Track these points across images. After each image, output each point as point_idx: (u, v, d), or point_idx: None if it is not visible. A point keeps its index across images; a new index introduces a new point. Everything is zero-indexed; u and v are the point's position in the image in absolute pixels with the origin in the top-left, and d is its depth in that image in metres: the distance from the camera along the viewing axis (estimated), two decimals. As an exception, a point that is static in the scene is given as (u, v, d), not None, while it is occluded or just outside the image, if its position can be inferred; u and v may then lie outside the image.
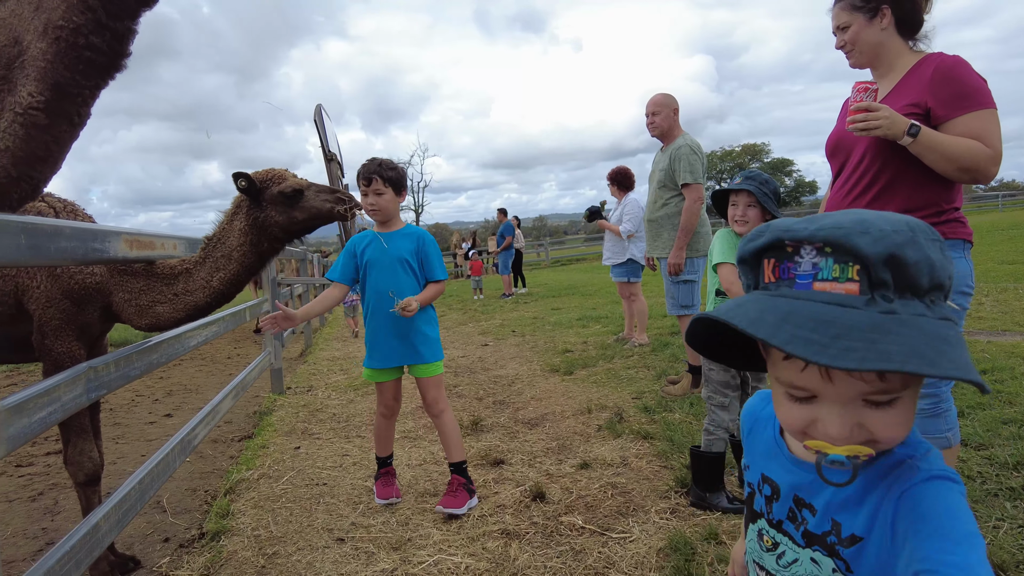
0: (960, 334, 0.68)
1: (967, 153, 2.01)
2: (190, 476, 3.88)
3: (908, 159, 2.09)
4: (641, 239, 6.25)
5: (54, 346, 2.32)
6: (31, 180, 1.51)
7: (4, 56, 1.43)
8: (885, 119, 2.03)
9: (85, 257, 1.84)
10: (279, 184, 2.49)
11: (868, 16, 2.23)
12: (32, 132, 1.44)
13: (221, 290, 2.42)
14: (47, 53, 1.39)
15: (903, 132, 2.02)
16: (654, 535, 2.60)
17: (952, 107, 2.05)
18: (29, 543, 3.05)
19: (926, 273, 0.67)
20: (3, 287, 2.29)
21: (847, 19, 2.28)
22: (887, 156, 2.15)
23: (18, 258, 1.47)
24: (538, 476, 3.31)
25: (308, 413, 5.05)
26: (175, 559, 2.77)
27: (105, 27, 1.39)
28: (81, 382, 1.89)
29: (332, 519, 2.99)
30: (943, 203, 2.13)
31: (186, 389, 6.68)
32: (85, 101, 1.51)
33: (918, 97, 2.10)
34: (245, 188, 2.45)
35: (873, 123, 2.04)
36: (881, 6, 2.21)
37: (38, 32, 1.39)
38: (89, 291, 2.35)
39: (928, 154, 2.04)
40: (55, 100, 1.43)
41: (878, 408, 0.72)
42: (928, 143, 2.02)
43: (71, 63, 1.40)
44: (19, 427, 1.50)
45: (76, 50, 1.39)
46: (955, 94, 2.05)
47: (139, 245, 2.27)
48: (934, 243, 0.69)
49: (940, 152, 2.02)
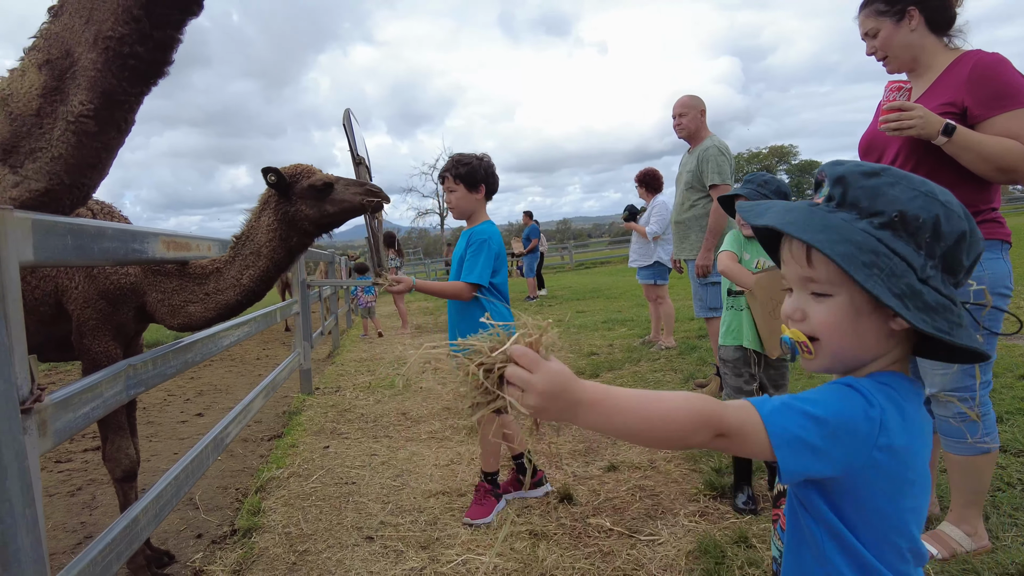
0: (869, 237, 0.84)
1: (1005, 153, 1.96)
2: (221, 474, 3.95)
3: (942, 159, 2.04)
4: (668, 241, 6.21)
5: (92, 345, 2.38)
6: (82, 187, 1.59)
7: (57, 68, 1.50)
8: (919, 118, 1.98)
9: (125, 257, 1.89)
10: (309, 178, 2.51)
11: (895, 19, 2.19)
12: (83, 139, 1.51)
13: (251, 287, 2.45)
14: (96, 63, 1.46)
15: (937, 132, 1.98)
16: (683, 538, 2.58)
17: (990, 106, 2.00)
18: (69, 536, 3.14)
19: (867, 197, 0.86)
20: (44, 288, 2.36)
21: (874, 25, 2.24)
22: (920, 156, 2.11)
23: (65, 257, 1.51)
24: (565, 478, 3.31)
25: (336, 413, 5.11)
26: (208, 555, 2.83)
27: (149, 36, 1.46)
28: (121, 379, 1.94)
29: (361, 517, 3.02)
30: (980, 204, 2.08)
31: (216, 389, 6.80)
32: (131, 108, 1.58)
33: (954, 96, 2.05)
34: (275, 183, 2.46)
35: (907, 123, 2.00)
36: (908, 8, 2.16)
37: (88, 43, 1.45)
38: (124, 291, 2.41)
39: (964, 154, 1.99)
40: (104, 108, 1.50)
41: (817, 300, 0.90)
42: (964, 143, 1.97)
43: (118, 71, 1.47)
44: (64, 421, 1.54)
45: (122, 59, 1.46)
46: (993, 93, 2.00)
47: (175, 246, 2.32)
48: (903, 185, 0.87)
49: (976, 152, 1.97)
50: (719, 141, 4.45)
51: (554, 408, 0.86)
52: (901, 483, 0.86)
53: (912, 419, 0.86)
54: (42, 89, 1.51)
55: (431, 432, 4.35)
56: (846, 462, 0.84)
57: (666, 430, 0.86)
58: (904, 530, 0.87)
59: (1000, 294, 2.07)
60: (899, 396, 0.87)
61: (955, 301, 0.85)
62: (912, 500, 0.87)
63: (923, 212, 0.84)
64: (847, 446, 0.83)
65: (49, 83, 1.51)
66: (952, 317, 0.84)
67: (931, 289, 0.83)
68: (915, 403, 0.89)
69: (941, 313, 0.83)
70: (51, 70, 1.50)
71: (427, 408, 5.03)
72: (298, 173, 2.52)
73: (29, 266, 1.36)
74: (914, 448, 0.86)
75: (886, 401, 0.85)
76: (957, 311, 0.85)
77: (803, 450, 0.83)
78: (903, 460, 0.85)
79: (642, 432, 0.87)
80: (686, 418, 0.85)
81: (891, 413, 0.85)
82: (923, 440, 0.88)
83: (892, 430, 0.84)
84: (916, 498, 0.88)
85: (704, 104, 4.60)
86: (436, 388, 5.68)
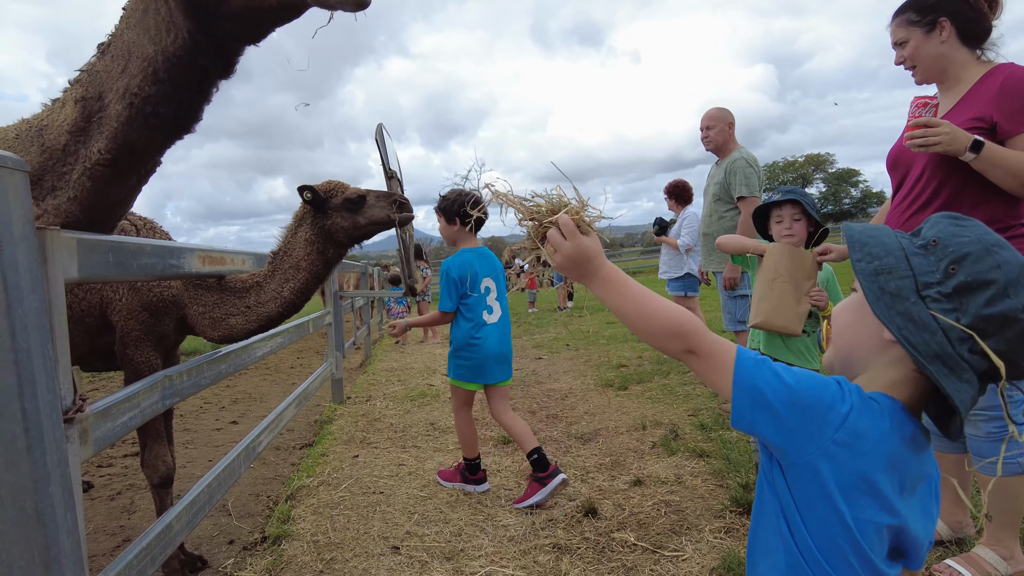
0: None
1: None
2: (254, 481, 4.04)
3: (969, 174, 2.01)
4: (699, 253, 6.17)
5: (135, 355, 2.49)
6: (98, 225, 1.61)
7: (89, 108, 1.50)
8: (946, 135, 1.96)
9: (163, 272, 1.97)
10: (344, 192, 2.65)
11: (926, 30, 2.15)
12: (99, 184, 1.52)
13: (292, 300, 2.55)
14: (121, 116, 1.46)
15: (965, 148, 1.94)
16: (707, 554, 2.57)
17: (1020, 121, 1.96)
18: (108, 539, 3.25)
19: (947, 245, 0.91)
20: (90, 300, 2.48)
21: (904, 35, 2.21)
22: (947, 172, 2.08)
23: (106, 274, 1.59)
24: (590, 492, 3.30)
25: (367, 423, 5.19)
26: (239, 560, 2.90)
27: (174, 98, 1.46)
28: (158, 390, 2.02)
29: (388, 527, 3.07)
30: (1008, 219, 2.04)
31: (251, 397, 6.95)
32: (152, 157, 1.58)
33: (983, 111, 2.02)
34: (311, 200, 2.60)
35: (933, 139, 1.97)
36: (939, 19, 2.12)
37: (118, 94, 1.46)
38: (166, 304, 2.52)
39: (992, 170, 1.96)
40: (123, 158, 1.50)
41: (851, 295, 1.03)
42: (992, 159, 1.94)
43: (140, 127, 1.47)
44: (104, 430, 1.62)
45: (145, 117, 1.46)
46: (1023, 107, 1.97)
47: (211, 261, 2.41)
48: (975, 231, 0.91)
49: (1004, 168, 1.94)
50: (747, 153, 4.42)
51: (575, 272, 1.08)
52: (854, 489, 0.86)
53: (886, 438, 0.88)
54: (71, 126, 1.51)
55: (458, 443, 4.38)
56: (797, 438, 0.87)
57: (648, 324, 1.02)
58: (855, 544, 0.87)
59: None
60: (879, 411, 0.89)
61: (950, 337, 0.87)
62: (870, 514, 0.87)
63: (966, 246, 0.88)
64: (803, 423, 0.87)
65: (79, 122, 1.50)
66: (939, 340, 0.87)
67: (925, 308, 0.87)
68: (897, 427, 0.89)
69: (928, 331, 0.87)
70: (83, 109, 1.50)
71: (455, 419, 5.06)
72: (332, 189, 2.65)
73: (74, 283, 1.44)
74: (878, 464, 0.87)
75: (862, 406, 0.88)
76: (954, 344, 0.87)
77: (759, 404, 0.90)
78: (861, 467, 0.86)
79: (630, 317, 1.04)
80: (667, 322, 1.00)
81: (863, 417, 0.87)
82: (893, 465, 0.88)
83: (858, 431, 0.86)
84: (876, 514, 0.87)
85: (732, 116, 4.58)
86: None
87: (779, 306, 2.61)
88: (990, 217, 2.03)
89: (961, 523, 2.44)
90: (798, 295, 2.58)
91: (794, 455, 0.89)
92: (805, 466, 0.88)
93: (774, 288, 2.61)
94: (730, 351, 0.95)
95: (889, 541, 0.90)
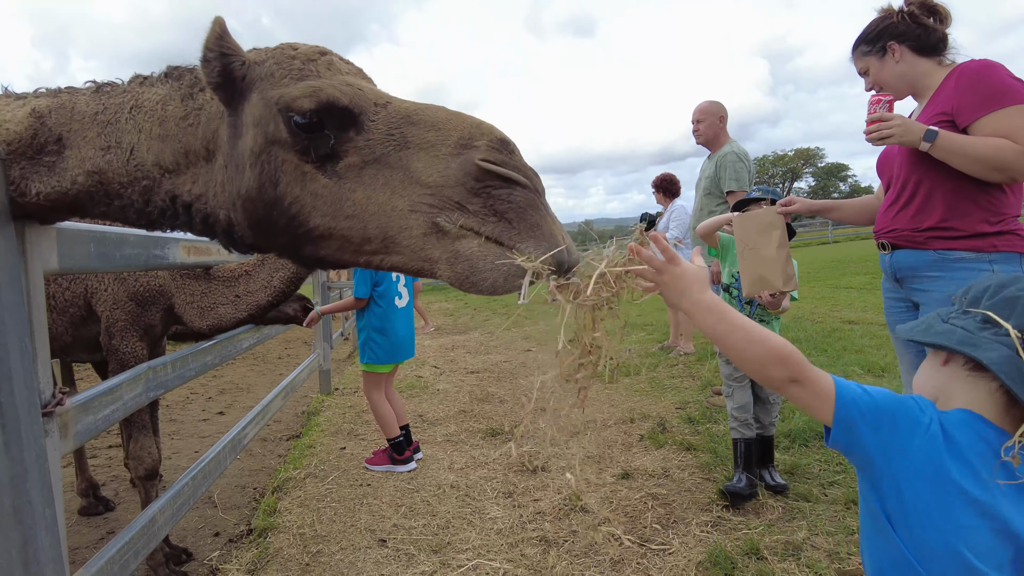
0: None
1: (997, 152, 1.97)
2: (240, 473, 4.02)
3: (945, 169, 2.06)
4: (688, 246, 6.17)
5: (120, 346, 2.45)
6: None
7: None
8: (898, 126, 2.05)
9: (148, 263, 1.94)
10: None
11: (879, 56, 2.27)
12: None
13: (282, 288, 2.55)
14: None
15: (919, 138, 2.02)
16: (694, 548, 2.58)
17: (976, 109, 2.02)
18: (92, 531, 3.22)
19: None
20: (74, 289, 2.44)
21: (863, 65, 2.33)
22: (922, 168, 2.14)
23: (88, 265, 1.56)
24: (578, 485, 3.31)
25: (354, 414, 5.17)
26: (224, 553, 2.88)
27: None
28: (141, 382, 1.99)
29: (374, 520, 3.06)
30: (990, 215, 2.06)
31: (238, 388, 6.91)
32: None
33: (944, 106, 2.09)
34: None
35: (887, 131, 2.06)
36: (888, 44, 2.23)
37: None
38: (153, 294, 2.49)
39: (953, 158, 2.02)
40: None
41: None
42: (948, 146, 2.00)
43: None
44: (86, 424, 1.59)
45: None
46: (980, 96, 2.02)
47: (196, 251, 2.38)
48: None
49: (963, 154, 2.00)
50: (738, 147, 4.42)
51: (677, 295, 1.12)
52: (945, 482, 0.95)
53: (967, 443, 0.98)
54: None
55: (447, 435, 4.38)
56: (889, 449, 0.99)
57: (754, 351, 1.04)
58: (956, 551, 0.93)
59: None
60: (960, 420, 1.01)
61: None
62: (967, 519, 0.94)
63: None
64: (893, 433, 0.99)
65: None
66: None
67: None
68: (977, 432, 0.99)
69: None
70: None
71: (444, 411, 5.06)
72: None
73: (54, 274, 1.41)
74: (965, 468, 0.96)
75: (943, 416, 1.01)
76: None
77: (856, 427, 1.01)
78: (944, 462, 0.96)
79: (735, 342, 1.07)
80: (773, 350, 1.03)
81: (946, 424, 1.00)
82: (978, 467, 0.97)
83: (946, 435, 0.98)
84: (973, 519, 0.94)
85: (724, 110, 4.57)
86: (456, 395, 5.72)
87: (755, 271, 2.69)
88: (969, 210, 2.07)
89: None
90: (769, 252, 2.64)
91: (886, 466, 1.00)
92: (898, 475, 0.99)
93: (746, 258, 2.71)
94: (829, 381, 1.03)
95: (1009, 548, 0.95)
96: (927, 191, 2.14)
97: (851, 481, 3.00)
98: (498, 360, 7.12)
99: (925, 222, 2.14)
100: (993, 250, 2.05)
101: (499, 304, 14.24)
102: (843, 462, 3.20)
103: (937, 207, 2.11)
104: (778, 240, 2.60)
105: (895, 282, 2.33)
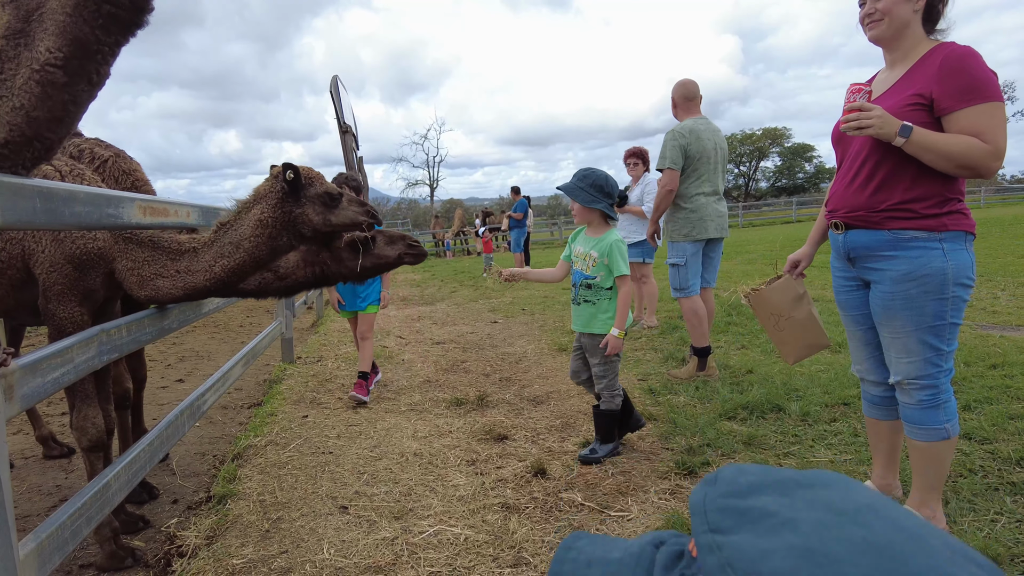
0: None
1: (964, 151, 2.02)
2: (200, 440, 3.96)
3: (906, 154, 2.10)
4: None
5: (57, 310, 2.33)
6: (45, 141, 1.47)
7: (23, 7, 1.34)
8: (877, 119, 2.05)
9: (99, 222, 1.86)
10: (323, 185, 2.45)
11: None
12: (49, 90, 1.38)
13: (222, 277, 2.36)
14: (66, 5, 1.31)
15: (895, 133, 2.04)
16: (652, 515, 2.64)
17: (957, 99, 2.04)
18: (44, 499, 3.15)
19: None
20: (11, 250, 2.32)
21: None
22: (883, 153, 2.18)
23: (33, 221, 1.49)
24: (540, 452, 3.35)
25: (317, 383, 5.13)
26: (183, 520, 2.85)
27: None
28: (94, 345, 1.93)
29: (336, 487, 3.05)
30: (946, 193, 2.13)
31: (198, 355, 6.78)
32: (105, 59, 1.43)
33: (923, 88, 2.10)
34: (292, 180, 2.37)
35: (865, 122, 2.07)
36: None
37: None
38: (92, 256, 2.35)
39: (924, 154, 2.05)
40: (74, 57, 1.36)
41: None
42: (922, 143, 2.04)
43: (91, 16, 1.32)
44: (33, 386, 1.54)
45: (96, 2, 1.32)
46: (961, 86, 2.04)
47: (153, 212, 2.29)
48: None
49: (935, 152, 2.04)
50: (683, 125, 4.46)
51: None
52: None
53: None
54: (5, 30, 1.36)
55: (411, 404, 4.38)
56: None
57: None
58: None
59: (962, 284, 2.13)
60: None
61: None
62: None
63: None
64: None
65: (13, 24, 1.35)
66: None
67: None
68: None
69: None
70: (16, 9, 1.34)
71: (408, 380, 5.05)
72: (312, 177, 2.46)
73: (-4, 229, 1.34)
74: None
75: None
76: None
77: None
78: None
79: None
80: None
81: None
82: None
83: None
84: None
85: (686, 90, 4.59)
86: (419, 362, 5.71)
87: (800, 339, 2.71)
88: (927, 192, 2.12)
89: (891, 486, 2.56)
90: (802, 314, 2.69)
91: None
92: None
93: (783, 328, 2.72)
94: None
95: None
96: (888, 171, 2.17)
97: (805, 452, 3.09)
98: (464, 331, 7.12)
99: (884, 202, 2.17)
100: (944, 229, 2.11)
101: (466, 276, 14.21)
102: (798, 434, 3.30)
103: (897, 187, 2.15)
104: (807, 301, 2.68)
105: (847, 261, 2.37)
